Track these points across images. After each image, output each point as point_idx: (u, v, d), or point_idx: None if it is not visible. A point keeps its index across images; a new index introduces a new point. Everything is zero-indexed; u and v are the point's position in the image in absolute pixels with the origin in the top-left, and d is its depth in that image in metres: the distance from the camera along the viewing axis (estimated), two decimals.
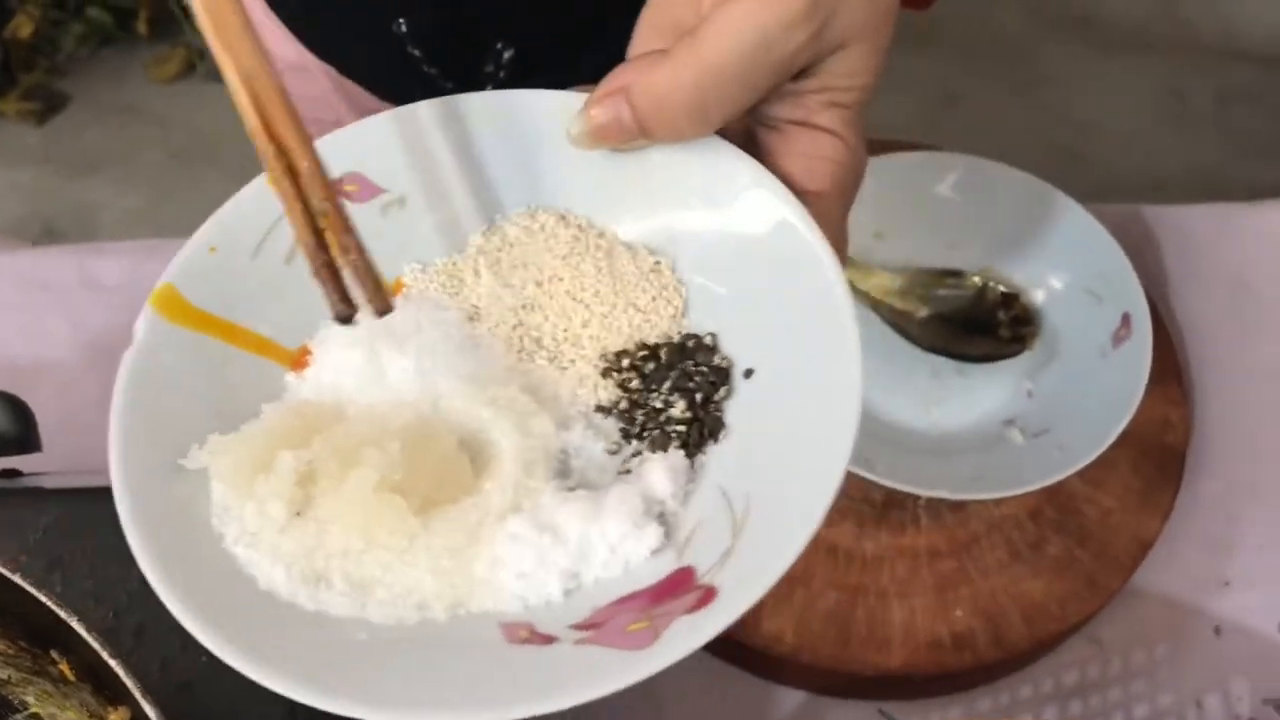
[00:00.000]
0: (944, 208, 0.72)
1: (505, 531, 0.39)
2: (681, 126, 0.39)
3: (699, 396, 0.41)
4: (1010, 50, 2.08)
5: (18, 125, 2.00)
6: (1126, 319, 0.67)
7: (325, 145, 0.45)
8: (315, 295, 0.41)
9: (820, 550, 0.65)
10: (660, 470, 0.40)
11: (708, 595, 0.35)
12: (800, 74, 0.39)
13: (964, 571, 0.64)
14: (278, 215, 0.42)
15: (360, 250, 0.38)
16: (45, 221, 1.89)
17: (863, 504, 0.66)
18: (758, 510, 0.38)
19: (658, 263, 0.44)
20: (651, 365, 0.42)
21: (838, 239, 0.40)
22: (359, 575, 0.39)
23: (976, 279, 0.70)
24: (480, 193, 0.45)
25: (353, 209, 0.44)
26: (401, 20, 0.67)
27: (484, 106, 0.44)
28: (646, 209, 0.44)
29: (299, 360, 0.43)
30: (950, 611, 0.64)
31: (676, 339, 0.43)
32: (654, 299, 0.43)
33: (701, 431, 0.41)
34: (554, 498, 0.40)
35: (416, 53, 0.70)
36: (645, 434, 0.41)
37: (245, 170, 0.43)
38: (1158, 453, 0.68)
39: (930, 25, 2.03)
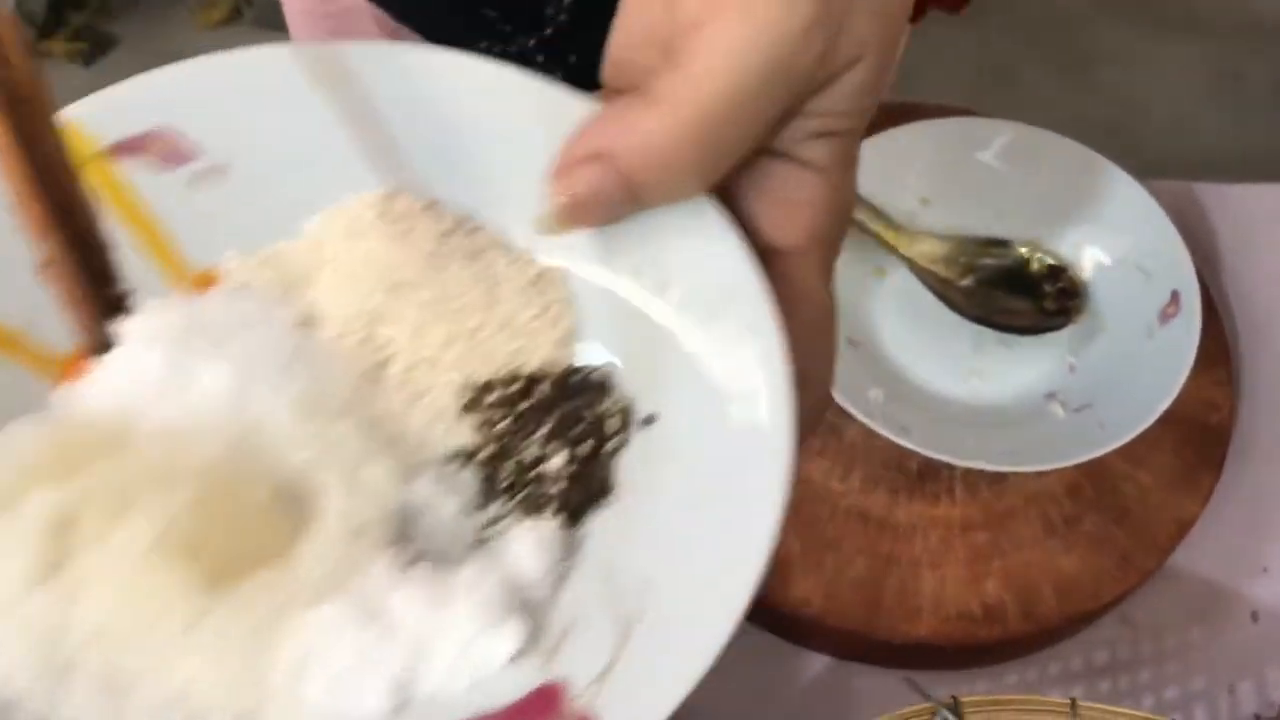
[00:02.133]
0: (993, 176, 0.67)
1: (318, 618, 0.29)
2: (686, 187, 0.30)
3: (584, 448, 0.32)
4: (1063, 27, 2.02)
5: (65, 66, 1.94)
6: (1176, 297, 0.62)
7: (130, 89, 0.34)
8: None
9: (852, 517, 0.61)
10: (528, 544, 0.31)
11: None
12: None
13: (997, 544, 0.60)
14: None
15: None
16: None
17: (897, 472, 0.62)
18: (652, 608, 0.28)
19: (545, 270, 0.34)
20: (526, 403, 0.33)
21: (809, 301, 0.31)
22: (118, 669, 0.28)
23: (1023, 250, 0.66)
24: (329, 165, 0.34)
25: (151, 179, 0.34)
26: None
27: (358, 59, 0.34)
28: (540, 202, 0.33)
29: (71, 366, 0.33)
30: (981, 584, 0.59)
31: (560, 371, 0.33)
32: (536, 317, 0.33)
33: (585, 493, 0.32)
34: (387, 575, 0.30)
35: None
36: (513, 492, 0.32)
37: None
38: (1200, 434, 0.63)
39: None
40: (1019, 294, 0.65)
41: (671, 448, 0.31)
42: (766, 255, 0.31)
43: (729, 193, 0.32)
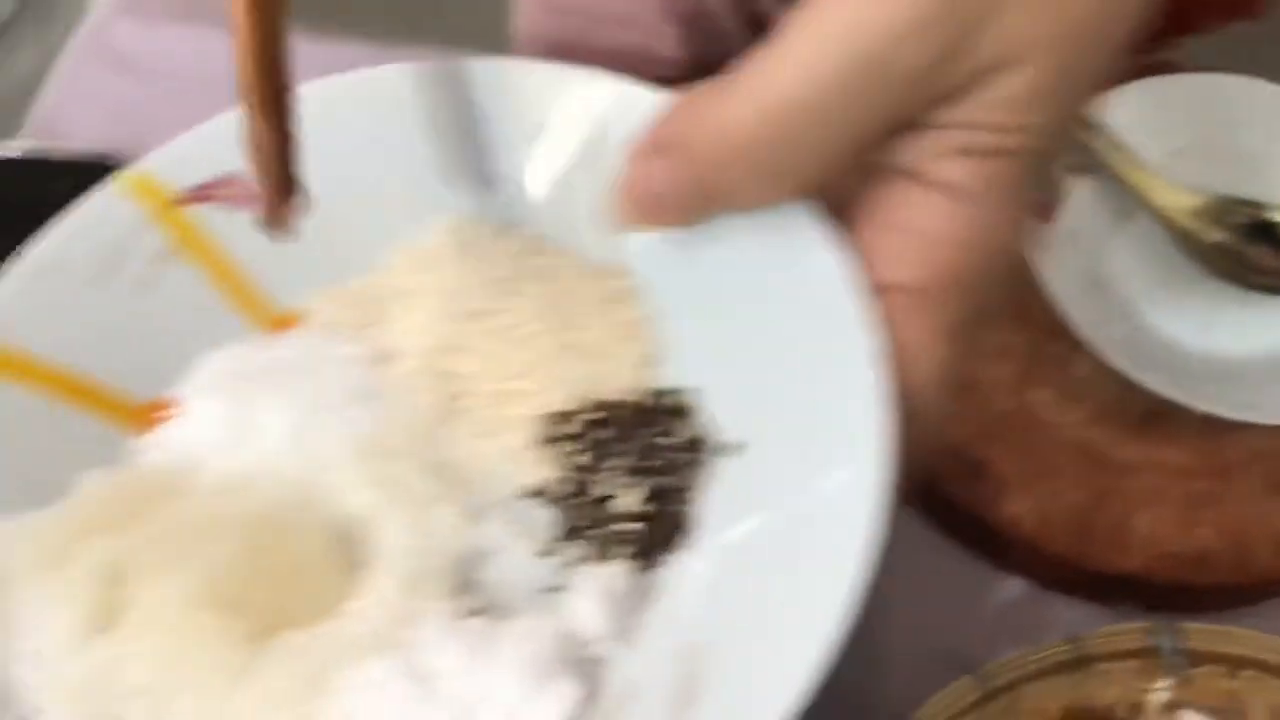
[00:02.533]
0: (1250, 135, 0.65)
1: (365, 676, 0.28)
2: (765, 189, 0.26)
3: (662, 481, 0.29)
4: None
5: None
6: None
7: (198, 138, 0.34)
8: (176, 333, 0.32)
9: (1072, 448, 0.60)
10: (593, 594, 0.28)
11: None
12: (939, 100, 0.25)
13: (1216, 495, 0.59)
14: (127, 230, 0.33)
15: None
16: None
17: (1122, 411, 0.61)
18: (715, 675, 0.26)
19: (623, 287, 0.32)
20: (603, 432, 0.30)
21: (908, 358, 0.26)
22: None
23: (1275, 213, 0.64)
24: (403, 194, 0.34)
25: (228, 220, 0.34)
26: None
27: (420, 79, 0.33)
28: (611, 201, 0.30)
29: (147, 416, 0.33)
30: (1195, 530, 0.58)
31: (640, 395, 0.31)
32: (613, 338, 0.31)
33: (662, 534, 0.29)
34: (439, 629, 0.28)
35: None
36: (588, 533, 0.30)
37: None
38: None
39: None
40: (1266, 255, 0.65)
41: (752, 487, 0.28)
42: (876, 291, 0.26)
43: (844, 213, 0.27)
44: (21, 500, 0.30)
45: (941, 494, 0.61)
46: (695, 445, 0.29)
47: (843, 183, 0.27)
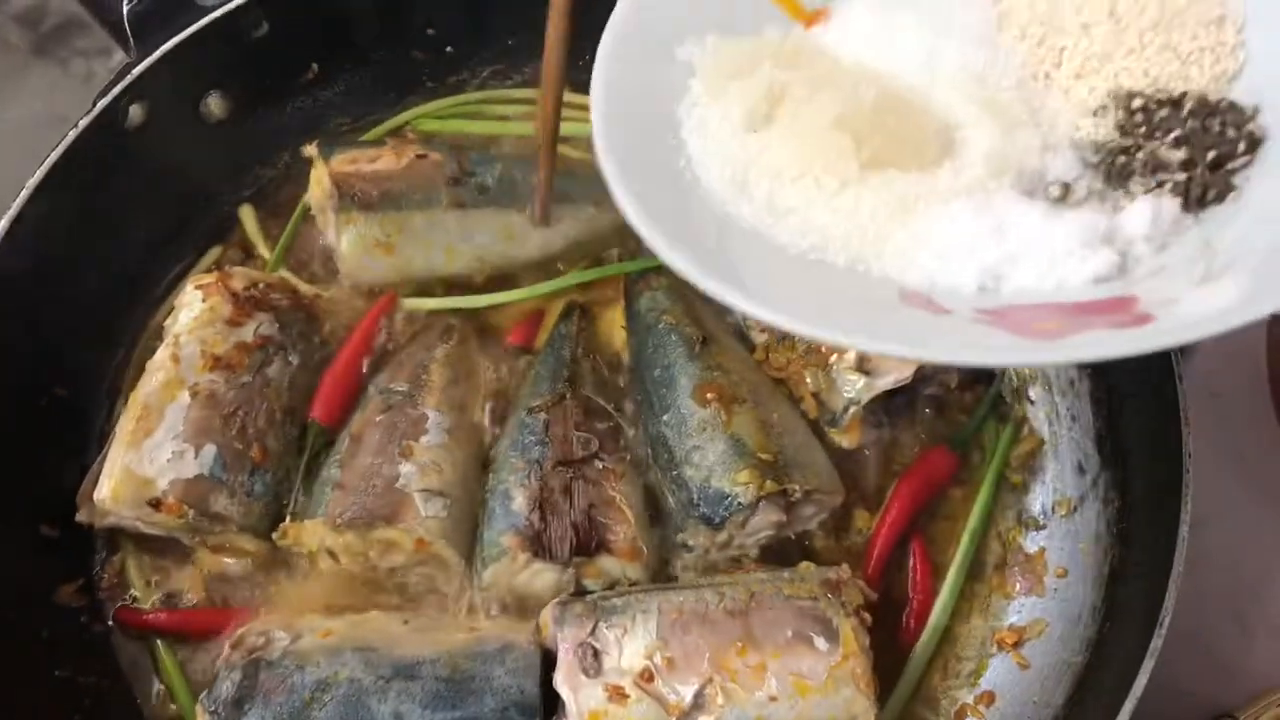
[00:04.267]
0: None
1: (945, 210, 0.35)
2: None
3: (1211, 154, 0.36)
4: None
5: None
6: None
7: None
8: None
9: None
10: (1141, 208, 0.35)
11: (1138, 319, 0.32)
12: None
13: None
14: None
15: None
16: None
17: None
18: (1230, 277, 0.32)
19: (1231, 15, 0.37)
20: (1164, 112, 0.37)
21: None
22: (779, 199, 0.37)
23: None
24: None
25: None
26: None
27: None
28: None
29: (811, 17, 0.42)
30: None
31: (1207, 98, 0.36)
32: (1200, 50, 0.37)
33: (1204, 188, 0.36)
34: (1020, 197, 0.36)
35: None
36: (1137, 178, 0.36)
37: None
38: None
39: None
40: None
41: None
42: None
43: None
44: (721, 33, 0.40)
45: None
46: (1247, 139, 0.35)
47: None
